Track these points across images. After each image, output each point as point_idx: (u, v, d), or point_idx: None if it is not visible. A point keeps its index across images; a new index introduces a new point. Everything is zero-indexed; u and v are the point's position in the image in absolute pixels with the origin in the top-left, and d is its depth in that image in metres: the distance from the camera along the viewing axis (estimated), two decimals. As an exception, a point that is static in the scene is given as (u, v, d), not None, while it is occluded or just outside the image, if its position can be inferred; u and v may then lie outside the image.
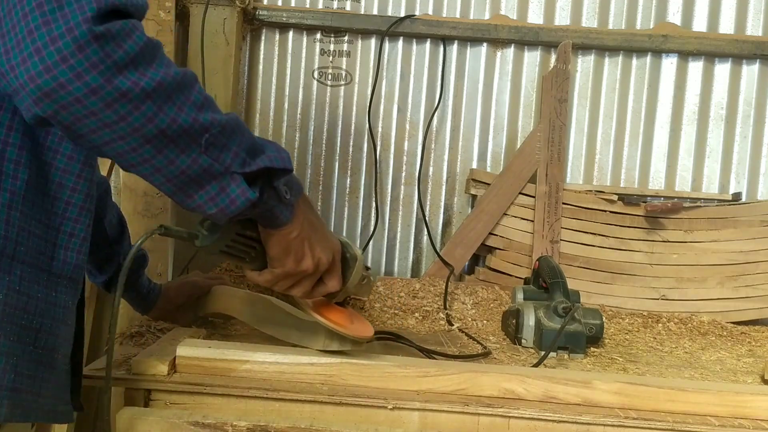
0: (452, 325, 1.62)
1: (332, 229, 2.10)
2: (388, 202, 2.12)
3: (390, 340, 1.36)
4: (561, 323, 1.35)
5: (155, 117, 0.70)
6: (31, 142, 0.80)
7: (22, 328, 0.78)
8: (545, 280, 1.53)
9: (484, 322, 1.67)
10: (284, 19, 2.04)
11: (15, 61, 0.64)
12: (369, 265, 1.79)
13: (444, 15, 2.08)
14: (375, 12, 2.07)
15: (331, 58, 2.09)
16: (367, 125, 2.07)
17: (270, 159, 0.83)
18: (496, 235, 1.99)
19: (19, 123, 0.78)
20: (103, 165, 1.67)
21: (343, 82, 2.10)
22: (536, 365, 1.22)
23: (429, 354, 1.24)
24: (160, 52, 0.73)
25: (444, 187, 2.11)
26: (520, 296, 1.58)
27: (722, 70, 2.09)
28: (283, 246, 0.91)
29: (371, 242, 2.08)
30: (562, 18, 2.09)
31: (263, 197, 0.83)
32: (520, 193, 2.00)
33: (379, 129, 2.10)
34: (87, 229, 0.86)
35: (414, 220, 2.11)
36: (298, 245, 0.92)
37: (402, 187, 2.11)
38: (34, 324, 0.79)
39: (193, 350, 1.05)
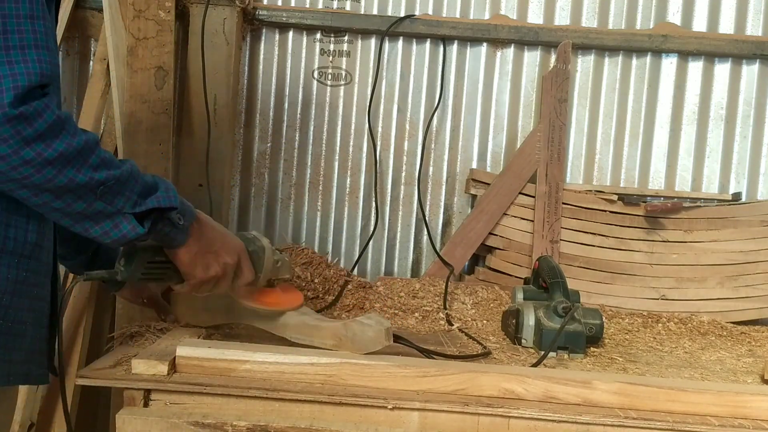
0: (452, 325, 1.62)
1: (332, 229, 2.11)
2: (388, 202, 2.12)
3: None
4: (561, 323, 1.34)
5: (54, 178, 0.86)
6: None
7: None
8: (545, 280, 1.53)
9: (484, 322, 1.67)
10: (284, 19, 2.04)
11: None
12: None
13: (444, 15, 2.08)
14: (375, 12, 2.07)
15: (331, 58, 2.09)
16: (367, 125, 2.07)
17: (158, 199, 0.98)
18: (496, 235, 1.99)
19: None
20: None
21: (343, 82, 2.10)
22: (535, 365, 1.22)
23: (429, 354, 1.24)
24: (68, 125, 0.88)
25: (444, 187, 2.11)
26: (520, 296, 1.58)
27: (722, 70, 2.09)
28: (190, 260, 1.06)
29: (371, 242, 2.08)
30: (562, 18, 2.09)
31: (157, 227, 0.99)
32: (520, 193, 2.00)
33: (379, 129, 2.10)
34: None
35: (414, 220, 2.11)
36: (202, 257, 1.07)
37: (402, 187, 2.11)
38: (4, 301, 0.93)
39: (193, 350, 1.05)
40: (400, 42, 2.09)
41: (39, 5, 0.86)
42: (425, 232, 2.08)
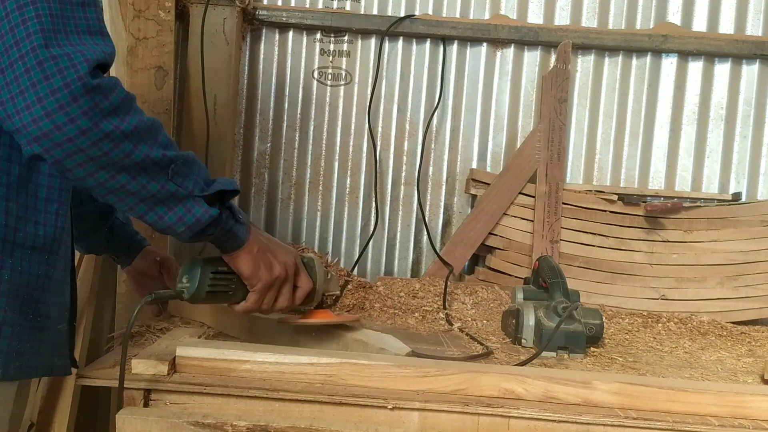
0: (452, 324, 1.62)
1: (332, 229, 2.11)
2: (388, 202, 2.12)
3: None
4: (559, 322, 1.35)
5: (132, 153, 0.86)
6: (9, 139, 0.90)
7: (24, 301, 0.92)
8: (545, 280, 1.53)
9: (484, 322, 1.67)
10: (284, 19, 2.04)
11: (20, 106, 0.79)
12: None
13: (444, 15, 2.08)
14: (375, 12, 2.07)
15: (330, 58, 2.09)
16: (367, 125, 2.07)
17: (222, 184, 0.98)
18: (496, 235, 2.00)
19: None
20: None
21: (343, 82, 2.10)
22: (522, 364, 1.22)
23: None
24: (135, 104, 0.89)
25: (444, 187, 2.11)
26: (520, 296, 1.58)
27: (722, 70, 2.09)
28: (252, 262, 1.05)
29: (371, 242, 2.08)
30: (562, 18, 2.09)
31: (222, 216, 0.98)
32: (520, 193, 2.00)
33: (379, 129, 2.10)
34: (66, 206, 0.99)
35: (414, 220, 2.11)
36: (263, 257, 1.06)
37: (402, 187, 2.11)
38: (34, 296, 0.94)
39: (193, 350, 1.05)
40: (400, 42, 2.09)
41: None
42: (425, 232, 2.08)
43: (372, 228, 2.08)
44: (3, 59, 0.79)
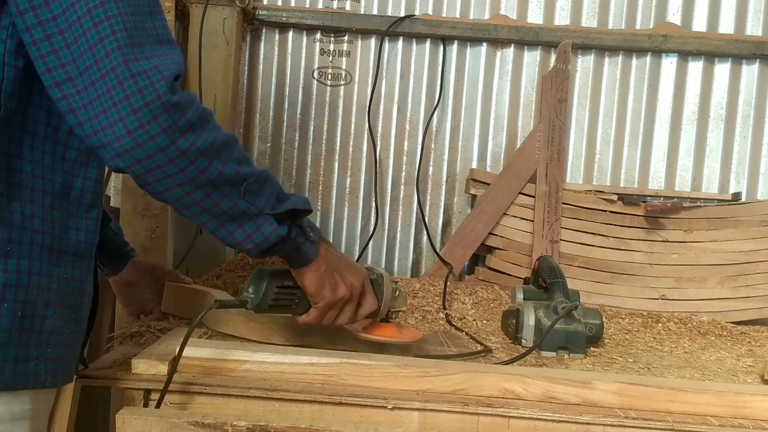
0: (451, 324, 1.62)
1: (332, 229, 2.11)
2: (388, 202, 2.12)
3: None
4: (558, 322, 1.35)
5: (206, 170, 0.87)
6: (53, 147, 0.91)
7: (69, 308, 0.93)
8: (545, 280, 1.53)
9: (484, 322, 1.67)
10: (284, 19, 2.04)
11: (104, 124, 0.81)
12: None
13: (444, 15, 2.08)
14: (375, 12, 2.07)
15: (330, 57, 2.09)
16: (367, 125, 2.07)
17: (294, 203, 1.00)
18: (496, 235, 1.99)
19: (42, 131, 0.89)
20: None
21: (342, 82, 2.10)
22: (508, 362, 1.23)
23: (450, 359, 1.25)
24: (212, 119, 0.89)
25: (444, 187, 2.11)
26: (520, 296, 1.58)
27: (722, 70, 2.09)
28: (318, 280, 1.06)
29: (371, 242, 2.08)
30: (562, 18, 2.09)
31: (291, 235, 0.99)
32: (520, 193, 2.00)
33: (379, 129, 2.10)
34: (100, 209, 0.99)
35: (414, 220, 2.11)
36: (329, 277, 1.07)
37: (402, 187, 2.11)
38: (76, 302, 0.95)
39: (193, 350, 1.05)
40: (400, 42, 2.09)
41: (155, 1, 0.86)
42: (425, 232, 2.08)
43: (372, 228, 2.08)
44: (84, 78, 0.81)
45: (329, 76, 2.10)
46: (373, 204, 2.09)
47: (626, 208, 2.00)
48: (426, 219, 2.09)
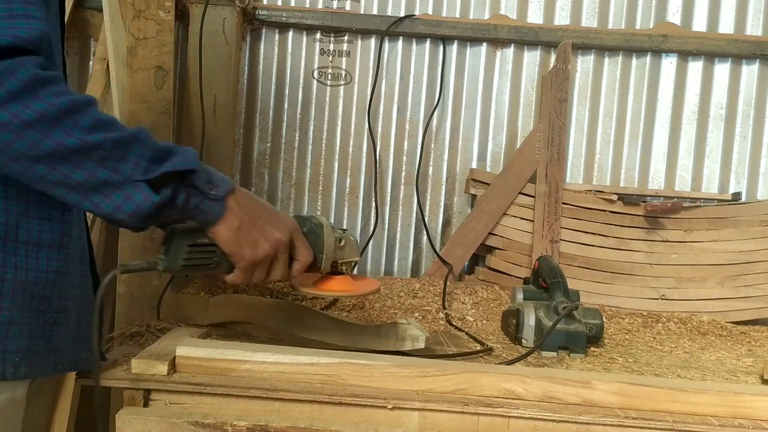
0: (451, 324, 1.62)
1: (332, 229, 2.10)
2: (388, 202, 2.12)
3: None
4: (559, 322, 1.35)
5: (39, 143, 0.79)
6: None
7: (36, 299, 0.91)
8: (545, 280, 1.53)
9: (484, 322, 1.67)
10: (284, 18, 2.04)
11: None
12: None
13: (444, 15, 2.08)
14: (375, 12, 2.07)
15: (330, 57, 2.09)
16: (367, 125, 2.07)
17: (173, 164, 0.89)
18: (496, 235, 2.00)
19: None
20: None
21: (342, 82, 2.10)
22: (511, 362, 1.23)
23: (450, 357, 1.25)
24: (53, 84, 0.80)
25: (444, 187, 2.11)
26: (520, 296, 1.58)
27: (722, 70, 2.09)
28: (233, 239, 0.96)
29: (371, 242, 2.08)
30: (562, 18, 2.09)
31: (177, 200, 0.90)
32: (520, 192, 2.00)
33: (379, 129, 2.10)
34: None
35: (414, 220, 2.11)
36: (246, 234, 0.97)
37: (402, 187, 2.11)
38: (47, 293, 0.92)
39: (193, 350, 1.05)
40: (400, 42, 2.09)
41: None
42: (425, 232, 2.08)
43: (372, 228, 2.08)
44: None
45: (329, 76, 2.10)
46: (373, 204, 2.09)
47: (626, 208, 2.00)
48: (426, 219, 2.09)
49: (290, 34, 2.09)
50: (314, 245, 1.06)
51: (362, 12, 2.07)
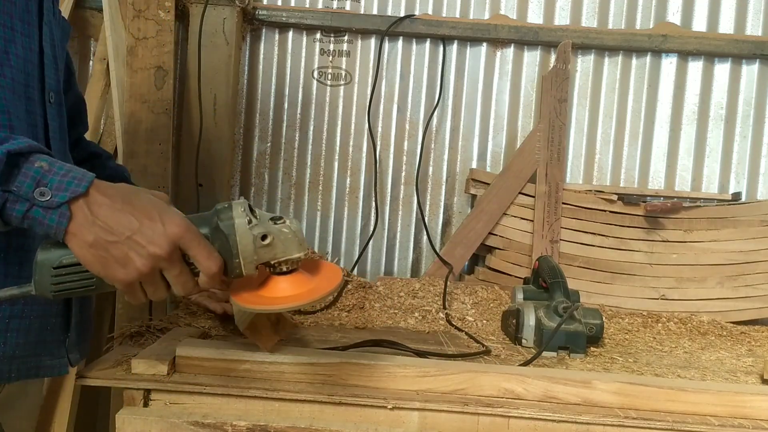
0: (451, 324, 1.62)
1: (332, 229, 2.10)
2: (388, 202, 2.12)
3: (387, 347, 1.34)
4: (560, 322, 1.35)
5: None
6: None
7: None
8: (545, 280, 1.53)
9: (484, 322, 1.67)
10: (284, 18, 2.04)
11: None
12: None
13: (444, 15, 2.08)
14: (375, 12, 2.07)
15: (330, 57, 2.09)
16: (367, 125, 2.07)
17: None
18: (496, 235, 1.99)
19: None
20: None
21: (342, 82, 2.10)
22: (525, 364, 1.22)
23: (424, 355, 1.24)
24: None
25: (444, 187, 2.11)
26: (520, 296, 1.58)
27: (722, 69, 2.09)
28: (90, 257, 0.78)
29: (371, 242, 2.08)
30: (562, 18, 2.09)
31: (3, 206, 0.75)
32: (520, 192, 2.00)
33: (379, 129, 2.10)
34: None
35: (414, 220, 2.11)
36: (107, 252, 0.77)
37: (402, 186, 2.11)
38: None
39: (192, 350, 1.05)
40: (400, 42, 2.09)
41: None
42: (425, 232, 2.08)
43: (372, 228, 2.08)
44: None
45: (329, 76, 2.10)
46: (373, 204, 2.09)
47: (626, 208, 2.00)
48: (426, 219, 2.09)
49: (290, 34, 2.09)
50: (224, 248, 0.84)
51: (362, 12, 2.07)
